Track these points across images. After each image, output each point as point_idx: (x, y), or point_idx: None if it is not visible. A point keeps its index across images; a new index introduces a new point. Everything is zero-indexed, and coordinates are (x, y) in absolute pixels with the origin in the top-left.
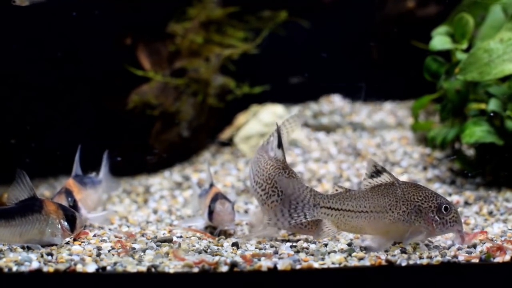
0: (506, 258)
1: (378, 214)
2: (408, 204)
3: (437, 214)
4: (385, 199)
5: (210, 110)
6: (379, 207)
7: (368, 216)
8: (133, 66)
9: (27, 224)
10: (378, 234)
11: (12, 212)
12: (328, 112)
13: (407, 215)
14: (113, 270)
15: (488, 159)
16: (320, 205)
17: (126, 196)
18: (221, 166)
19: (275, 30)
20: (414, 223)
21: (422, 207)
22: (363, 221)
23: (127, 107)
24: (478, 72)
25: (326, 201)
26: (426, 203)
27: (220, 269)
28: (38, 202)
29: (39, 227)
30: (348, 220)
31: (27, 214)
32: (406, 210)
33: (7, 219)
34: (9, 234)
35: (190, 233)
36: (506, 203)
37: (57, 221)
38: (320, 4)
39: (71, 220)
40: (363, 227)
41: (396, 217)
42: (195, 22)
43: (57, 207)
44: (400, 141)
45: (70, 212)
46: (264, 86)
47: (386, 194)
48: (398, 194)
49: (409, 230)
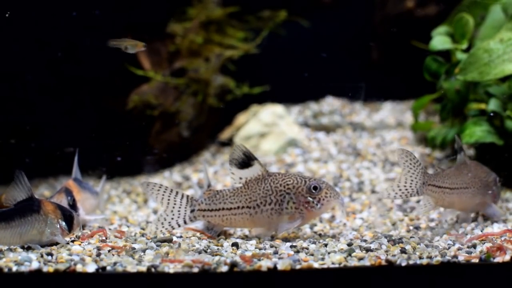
0: (506, 258)
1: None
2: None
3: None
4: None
5: (210, 110)
6: (465, 183)
7: (459, 192)
8: (133, 66)
9: (26, 225)
10: (465, 208)
11: (11, 214)
12: (328, 112)
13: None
14: (113, 270)
15: (488, 159)
16: (428, 183)
17: (126, 196)
18: (221, 166)
19: (275, 30)
20: (484, 196)
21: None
22: (456, 197)
23: (127, 107)
24: (478, 72)
25: (432, 180)
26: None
27: (219, 269)
28: (36, 202)
29: (38, 227)
30: (446, 196)
31: (26, 215)
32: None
33: (6, 220)
34: (9, 236)
35: (190, 233)
36: (506, 203)
37: (55, 221)
38: (319, 4)
39: (69, 219)
40: (454, 203)
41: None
42: (195, 22)
43: (55, 207)
44: (400, 141)
45: (67, 211)
46: (264, 86)
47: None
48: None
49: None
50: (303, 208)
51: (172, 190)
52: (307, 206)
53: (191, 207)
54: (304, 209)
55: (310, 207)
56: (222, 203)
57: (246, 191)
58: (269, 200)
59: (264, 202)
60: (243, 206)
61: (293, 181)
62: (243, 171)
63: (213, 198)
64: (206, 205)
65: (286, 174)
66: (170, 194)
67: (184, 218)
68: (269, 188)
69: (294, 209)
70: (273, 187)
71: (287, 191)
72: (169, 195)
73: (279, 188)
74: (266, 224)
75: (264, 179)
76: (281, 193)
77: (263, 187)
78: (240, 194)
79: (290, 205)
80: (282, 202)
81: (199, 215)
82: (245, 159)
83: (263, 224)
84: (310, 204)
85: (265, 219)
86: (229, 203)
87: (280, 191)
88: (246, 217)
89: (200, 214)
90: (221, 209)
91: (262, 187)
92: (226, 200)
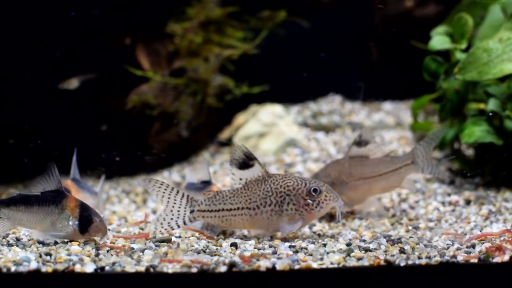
0: (505, 258)
1: None
2: None
3: None
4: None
5: (209, 110)
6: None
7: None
8: (132, 66)
9: (42, 213)
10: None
11: (32, 200)
12: (327, 112)
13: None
14: (111, 270)
15: (487, 159)
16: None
17: (125, 196)
18: (220, 166)
19: (274, 30)
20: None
21: None
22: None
23: (126, 107)
24: (477, 71)
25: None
26: None
27: (218, 269)
28: (60, 195)
29: (51, 219)
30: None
31: (44, 204)
32: None
33: (27, 205)
34: (26, 220)
35: (189, 233)
36: (505, 203)
37: (69, 218)
38: (319, 4)
39: (84, 222)
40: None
41: None
42: (194, 22)
43: (76, 205)
44: (399, 141)
45: (87, 214)
46: (263, 86)
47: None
48: None
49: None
50: (303, 210)
51: (173, 188)
52: (306, 208)
53: (191, 208)
54: (304, 211)
55: (310, 209)
56: (222, 204)
57: (246, 192)
58: (269, 202)
59: (264, 203)
60: (243, 207)
61: (293, 182)
62: (244, 171)
63: (213, 199)
64: (205, 205)
65: (286, 176)
66: (171, 193)
67: (184, 219)
68: (269, 189)
69: (294, 210)
70: (273, 189)
71: (287, 193)
72: (170, 194)
73: (279, 190)
74: (265, 225)
75: (264, 180)
76: (281, 195)
77: (263, 188)
78: (240, 195)
79: (290, 206)
80: (282, 203)
81: (198, 216)
82: (245, 159)
83: (263, 225)
84: (310, 206)
85: (264, 220)
86: (229, 204)
87: (280, 193)
88: (246, 218)
89: (200, 214)
90: (221, 210)
91: (262, 188)
92: (226, 201)
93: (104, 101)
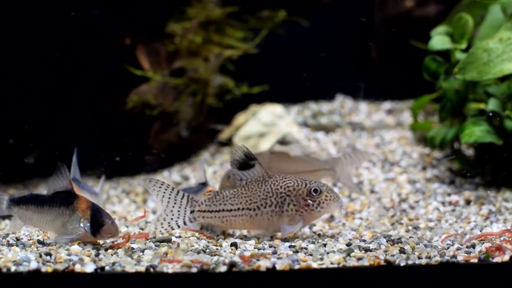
0: (505, 258)
1: None
2: None
3: None
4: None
5: (209, 110)
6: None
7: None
8: (132, 66)
9: (53, 214)
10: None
11: (43, 200)
12: (327, 112)
13: None
14: (111, 270)
15: (487, 159)
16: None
17: (125, 196)
18: (220, 166)
19: (274, 30)
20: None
21: None
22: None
23: (126, 107)
24: (477, 71)
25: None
26: None
27: (218, 269)
28: (71, 197)
29: (62, 220)
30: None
31: (55, 205)
32: None
33: (37, 205)
34: (38, 220)
35: (189, 233)
36: (506, 203)
37: (80, 219)
38: (319, 4)
39: (96, 224)
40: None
41: None
42: (194, 22)
43: (87, 207)
44: (399, 141)
45: (99, 216)
46: (263, 86)
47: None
48: None
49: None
50: (303, 211)
51: (173, 188)
52: (307, 208)
53: (191, 208)
54: (304, 212)
55: (310, 210)
56: (222, 204)
57: (247, 192)
58: (270, 202)
59: (265, 204)
60: (243, 207)
61: (293, 183)
62: (244, 172)
63: (213, 199)
64: (206, 206)
65: (287, 176)
66: (171, 193)
67: (184, 219)
68: (269, 190)
69: (294, 211)
70: (273, 189)
71: (288, 193)
72: (170, 194)
73: (279, 190)
74: (266, 226)
75: (264, 181)
76: (281, 195)
77: (264, 189)
78: (240, 196)
79: (291, 207)
80: (283, 204)
81: (199, 216)
82: (246, 160)
83: (263, 226)
84: (310, 207)
85: (265, 221)
86: (229, 205)
87: (281, 193)
88: (246, 218)
89: (200, 215)
90: (221, 210)
91: (263, 189)
92: (226, 202)
93: (104, 101)
